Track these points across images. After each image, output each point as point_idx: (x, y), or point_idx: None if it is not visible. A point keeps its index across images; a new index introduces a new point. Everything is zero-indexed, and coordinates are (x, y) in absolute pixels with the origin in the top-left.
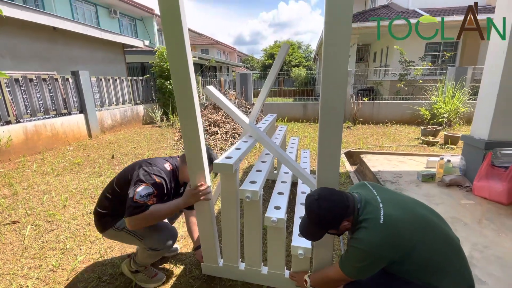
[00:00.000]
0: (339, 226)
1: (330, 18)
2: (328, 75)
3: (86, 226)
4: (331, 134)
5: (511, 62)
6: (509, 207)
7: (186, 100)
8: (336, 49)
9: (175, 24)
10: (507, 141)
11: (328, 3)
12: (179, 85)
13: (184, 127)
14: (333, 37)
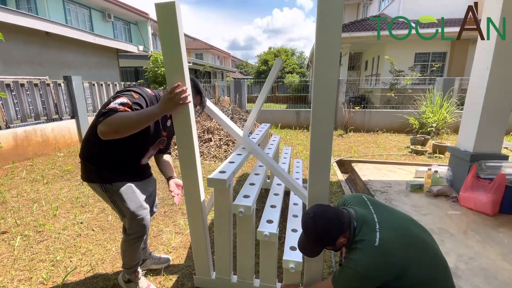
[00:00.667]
0: (336, 242)
1: (321, 34)
2: (318, 88)
3: (77, 237)
4: (322, 144)
5: (494, 78)
6: (494, 218)
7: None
8: (326, 65)
9: (172, 38)
10: (491, 153)
11: (319, 21)
12: None
13: None
14: (323, 53)
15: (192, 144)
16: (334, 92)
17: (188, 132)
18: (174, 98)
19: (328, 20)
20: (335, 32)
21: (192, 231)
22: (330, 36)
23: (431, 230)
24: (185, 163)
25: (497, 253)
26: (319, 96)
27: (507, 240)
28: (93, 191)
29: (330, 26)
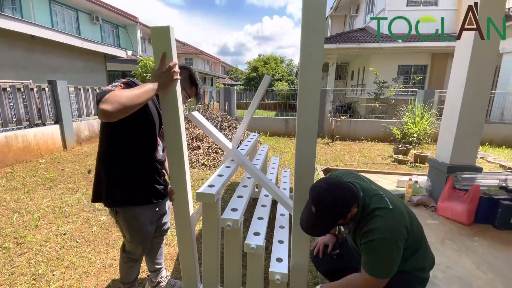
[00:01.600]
0: (348, 213)
1: (304, 56)
2: (303, 100)
3: (60, 249)
4: (307, 152)
5: (468, 95)
6: (470, 227)
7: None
8: (310, 82)
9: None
10: (466, 165)
11: (302, 41)
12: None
13: None
14: (307, 71)
15: (180, 142)
16: (317, 103)
17: (178, 137)
18: (166, 71)
19: (311, 45)
20: (318, 49)
21: (179, 243)
22: (314, 51)
23: None
24: (174, 171)
25: (472, 262)
26: (303, 106)
27: (481, 249)
28: None
29: (313, 44)
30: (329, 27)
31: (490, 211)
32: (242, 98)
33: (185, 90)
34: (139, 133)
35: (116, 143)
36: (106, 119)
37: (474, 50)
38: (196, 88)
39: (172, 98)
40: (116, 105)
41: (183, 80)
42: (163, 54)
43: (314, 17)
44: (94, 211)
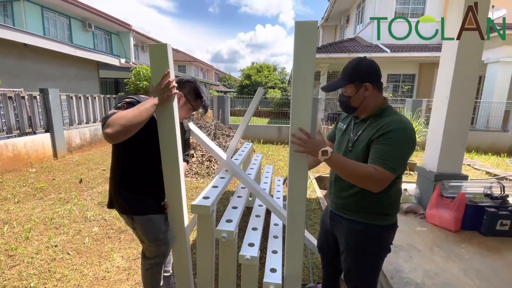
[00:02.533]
0: (364, 82)
1: (297, 73)
2: (296, 111)
3: (51, 262)
4: (299, 164)
5: (453, 106)
6: (457, 234)
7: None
8: (302, 89)
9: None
10: (452, 173)
11: (295, 55)
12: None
13: None
14: (299, 82)
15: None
16: (309, 113)
17: (173, 143)
18: (164, 87)
19: (303, 57)
20: (309, 63)
21: (174, 253)
22: (305, 66)
23: (401, 247)
24: (169, 183)
25: (459, 269)
26: (296, 115)
27: (468, 256)
28: None
29: (304, 60)
30: (321, 37)
31: (476, 218)
32: (236, 105)
33: (190, 103)
34: (144, 147)
35: (124, 156)
36: (111, 141)
37: (457, 63)
38: (202, 100)
39: (168, 111)
40: (118, 128)
41: (187, 93)
42: (167, 72)
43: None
44: (85, 222)
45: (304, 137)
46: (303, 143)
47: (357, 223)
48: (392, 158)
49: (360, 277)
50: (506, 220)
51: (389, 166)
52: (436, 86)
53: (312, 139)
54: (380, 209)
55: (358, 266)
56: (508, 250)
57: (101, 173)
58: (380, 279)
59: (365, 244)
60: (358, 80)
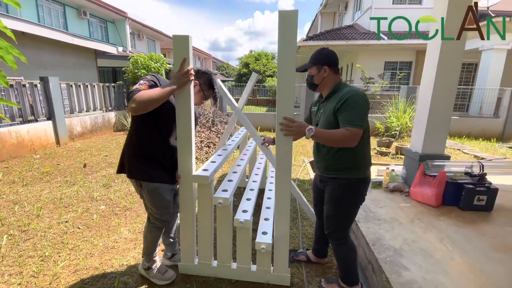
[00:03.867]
0: (323, 66)
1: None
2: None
3: (63, 235)
4: (284, 143)
5: (437, 89)
6: (437, 209)
7: None
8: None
9: None
10: (435, 154)
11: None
12: None
13: None
14: (283, 71)
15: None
16: (292, 100)
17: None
18: (184, 73)
19: (286, 49)
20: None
21: (182, 220)
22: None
23: (384, 220)
24: (182, 146)
25: (435, 237)
26: (281, 100)
27: (445, 227)
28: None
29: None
30: (319, 24)
31: (455, 194)
32: (234, 94)
33: (203, 92)
34: (158, 122)
35: (140, 129)
36: (133, 113)
37: (442, 49)
38: (213, 92)
39: (186, 94)
40: (141, 104)
41: (202, 83)
42: (184, 59)
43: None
44: (92, 202)
45: (290, 123)
46: (290, 128)
47: (341, 179)
48: (356, 118)
49: (339, 221)
50: (482, 196)
51: (357, 124)
52: (423, 71)
53: (297, 123)
54: (355, 163)
55: (339, 212)
56: (483, 222)
57: (103, 159)
58: (362, 246)
59: (345, 195)
60: (319, 63)
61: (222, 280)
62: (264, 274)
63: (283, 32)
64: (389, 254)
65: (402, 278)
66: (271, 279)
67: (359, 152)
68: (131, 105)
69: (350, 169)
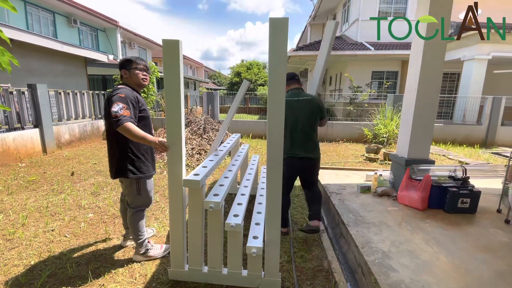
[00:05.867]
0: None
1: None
2: (272, 107)
3: (50, 243)
4: (275, 148)
5: (420, 97)
6: (423, 212)
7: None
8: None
9: (173, 67)
10: (420, 159)
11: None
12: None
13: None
14: (274, 80)
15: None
16: (282, 109)
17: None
18: (160, 146)
19: (277, 57)
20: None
21: (172, 228)
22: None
23: (373, 223)
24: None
25: (422, 239)
26: (272, 112)
27: (431, 229)
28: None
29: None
30: (308, 35)
31: (440, 197)
32: (226, 102)
33: (135, 69)
34: (142, 127)
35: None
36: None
37: (424, 58)
38: (136, 63)
39: (177, 100)
40: (125, 134)
41: (128, 66)
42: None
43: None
44: (80, 210)
45: None
46: None
47: (315, 158)
48: None
49: (316, 179)
50: (466, 198)
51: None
52: (407, 80)
53: None
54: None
55: (317, 175)
56: (467, 224)
57: (92, 167)
58: (352, 249)
59: (318, 166)
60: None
61: (213, 286)
62: (255, 279)
63: (273, 39)
64: (378, 256)
65: (390, 279)
66: (262, 283)
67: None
68: (120, 130)
69: (318, 151)
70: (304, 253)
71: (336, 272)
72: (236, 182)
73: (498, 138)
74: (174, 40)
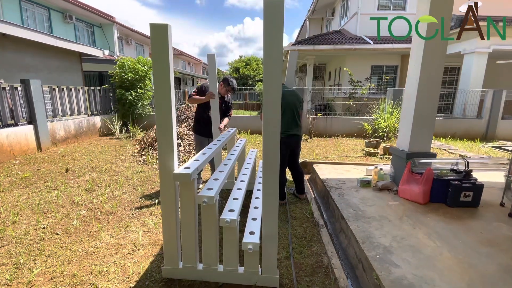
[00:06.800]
0: None
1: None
2: (268, 101)
3: (40, 241)
4: (272, 142)
5: (422, 88)
6: (425, 206)
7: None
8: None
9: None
10: (422, 152)
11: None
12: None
13: None
14: (269, 75)
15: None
16: (278, 104)
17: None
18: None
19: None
20: (277, 68)
21: (164, 224)
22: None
23: (373, 218)
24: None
25: (424, 234)
26: (268, 106)
27: (433, 223)
28: None
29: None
30: (307, 30)
31: (442, 191)
32: None
33: (225, 88)
34: (203, 106)
35: (197, 109)
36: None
37: (425, 50)
38: (232, 88)
39: (167, 91)
40: (190, 102)
41: (224, 83)
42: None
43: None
44: (73, 207)
45: None
46: None
47: (301, 135)
48: None
49: None
50: (469, 192)
51: None
52: (408, 72)
53: None
54: None
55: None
56: (470, 218)
57: (87, 163)
58: (352, 244)
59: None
60: None
61: (208, 284)
62: (252, 276)
63: (268, 23)
64: (379, 251)
65: (392, 275)
66: (259, 280)
67: None
68: (188, 101)
69: None
70: (303, 249)
71: (336, 268)
72: (234, 177)
73: (499, 132)
74: (162, 24)
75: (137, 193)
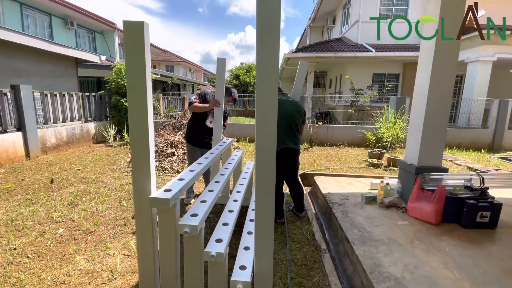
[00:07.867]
0: None
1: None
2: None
3: (7, 265)
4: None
5: (432, 97)
6: (437, 227)
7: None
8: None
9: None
10: (433, 166)
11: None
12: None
13: None
14: (263, 79)
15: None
16: (275, 113)
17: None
18: (215, 103)
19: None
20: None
21: (139, 252)
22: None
23: (381, 241)
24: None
25: (439, 261)
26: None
27: (448, 248)
28: None
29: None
30: (308, 38)
31: (456, 210)
32: None
33: (227, 98)
34: (200, 114)
35: (191, 116)
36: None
37: (436, 56)
38: (233, 98)
39: (143, 103)
40: (191, 109)
41: (226, 92)
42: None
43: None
44: (51, 224)
45: None
46: None
47: (298, 149)
48: None
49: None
50: (486, 212)
51: None
52: (416, 81)
53: None
54: None
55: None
56: (489, 242)
57: (75, 173)
58: (358, 273)
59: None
60: None
61: None
62: None
63: (261, 7)
64: (390, 284)
65: None
66: None
67: None
68: (188, 108)
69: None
70: (302, 279)
71: None
72: (229, 190)
73: (505, 142)
74: (138, 21)
75: (122, 208)
